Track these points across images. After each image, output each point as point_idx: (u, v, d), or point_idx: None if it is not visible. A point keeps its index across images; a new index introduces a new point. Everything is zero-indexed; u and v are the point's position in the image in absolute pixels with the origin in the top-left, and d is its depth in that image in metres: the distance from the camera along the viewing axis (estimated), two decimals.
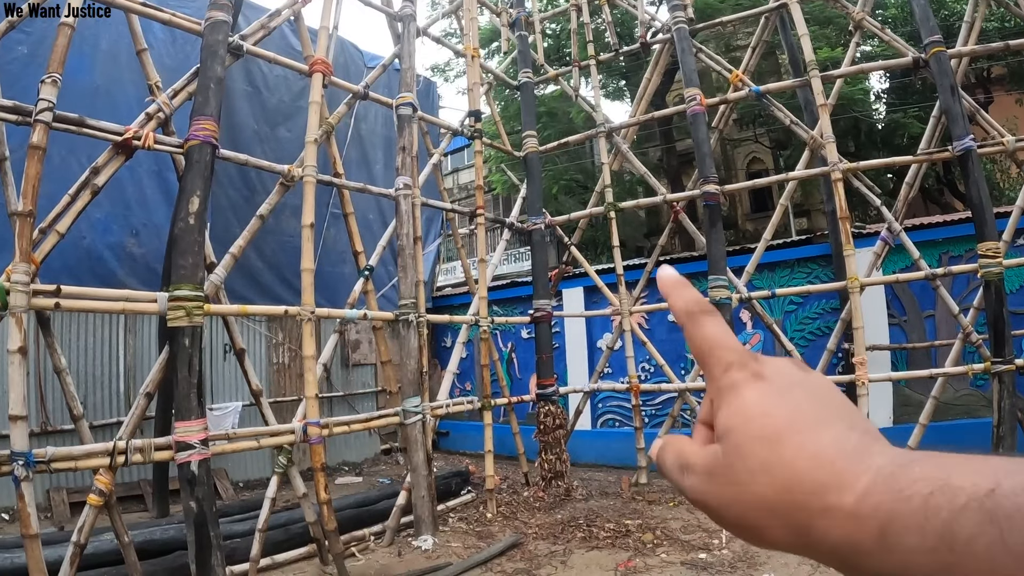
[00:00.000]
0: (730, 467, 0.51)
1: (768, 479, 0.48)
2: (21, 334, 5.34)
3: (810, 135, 9.78)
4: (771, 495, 0.48)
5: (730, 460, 0.51)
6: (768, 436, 0.50)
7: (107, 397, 11.01)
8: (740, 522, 0.51)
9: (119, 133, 6.30)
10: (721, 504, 0.52)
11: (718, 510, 0.52)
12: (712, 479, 0.52)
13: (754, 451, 0.50)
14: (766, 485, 0.48)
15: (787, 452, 0.49)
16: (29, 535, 5.21)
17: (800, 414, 0.51)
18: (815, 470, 0.47)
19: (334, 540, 7.33)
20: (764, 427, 0.51)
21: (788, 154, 20.05)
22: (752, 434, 0.51)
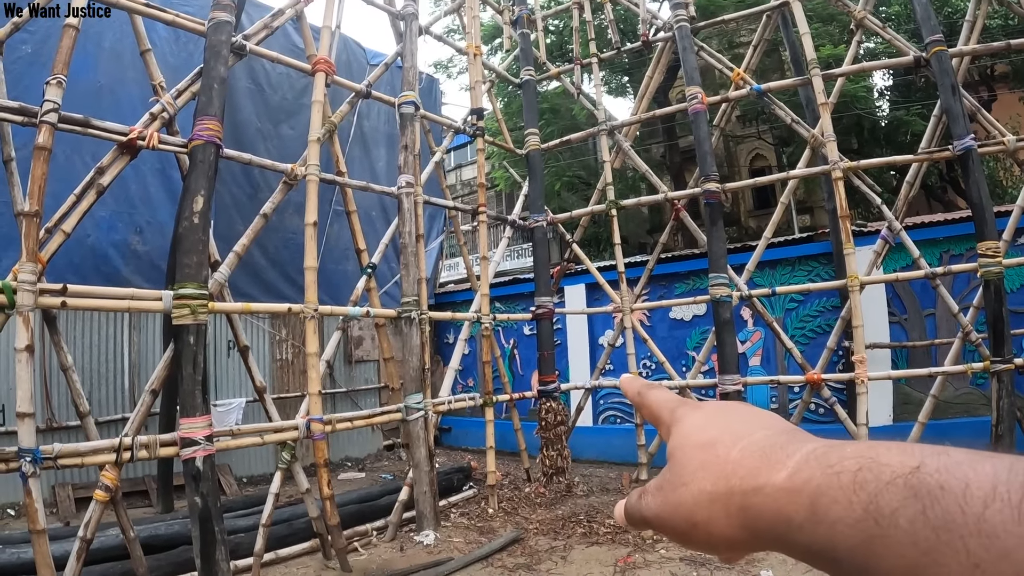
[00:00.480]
0: (676, 475, 0.56)
1: (706, 474, 0.54)
2: (28, 332, 5.38)
3: (811, 133, 9.80)
4: (710, 487, 0.53)
5: (675, 471, 0.57)
6: (705, 442, 0.56)
7: (112, 394, 11.07)
8: (690, 522, 0.54)
9: (124, 133, 6.35)
10: (671, 509, 0.56)
11: (671, 519, 0.56)
12: (661, 491, 0.57)
13: (694, 456, 0.56)
14: (705, 480, 0.53)
15: (722, 451, 0.54)
16: (36, 530, 5.27)
17: (734, 424, 0.57)
18: (748, 459, 0.52)
19: (337, 535, 7.39)
20: (701, 437, 0.57)
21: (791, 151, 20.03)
22: (692, 444, 0.57)
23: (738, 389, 9.35)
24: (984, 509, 0.36)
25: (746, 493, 0.50)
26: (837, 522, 0.42)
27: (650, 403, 0.69)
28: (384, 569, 7.27)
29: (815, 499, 0.44)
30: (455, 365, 10.04)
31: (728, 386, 9.31)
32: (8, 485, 9.60)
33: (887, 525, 0.39)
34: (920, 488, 0.39)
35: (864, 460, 0.43)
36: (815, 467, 0.46)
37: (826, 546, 0.43)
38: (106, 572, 6.55)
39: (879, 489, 0.41)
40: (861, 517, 0.41)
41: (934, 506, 0.38)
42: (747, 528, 0.50)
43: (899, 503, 0.39)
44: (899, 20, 17.49)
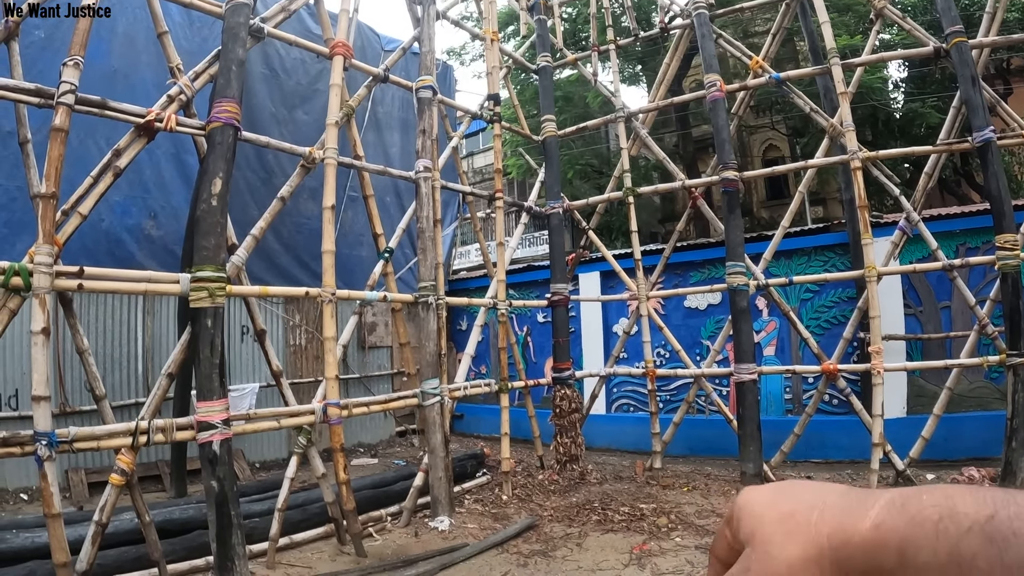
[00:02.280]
0: (761, 552, 0.58)
1: (793, 542, 0.56)
2: (45, 315, 5.37)
3: (830, 123, 9.74)
4: (801, 552, 0.55)
5: (759, 548, 0.58)
6: (783, 515, 0.58)
7: (126, 378, 11.09)
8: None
9: (141, 115, 6.32)
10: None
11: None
12: (750, 572, 0.58)
13: (774, 530, 0.58)
14: (795, 547, 0.55)
15: (802, 518, 0.57)
16: (52, 514, 5.25)
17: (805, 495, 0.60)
18: (830, 519, 0.55)
19: (352, 520, 7.39)
20: (776, 511, 0.59)
21: (805, 142, 19.98)
22: (769, 519, 0.59)
23: (753, 378, 9.32)
24: None
25: (836, 549, 0.53)
26: (923, 567, 0.47)
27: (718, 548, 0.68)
28: (399, 554, 7.27)
29: (902, 547, 0.49)
30: (470, 351, 10.02)
31: (744, 375, 9.28)
32: (20, 469, 9.64)
33: (968, 568, 0.44)
34: (995, 535, 0.44)
35: (943, 510, 0.48)
36: (898, 518, 0.50)
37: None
38: (121, 556, 6.53)
39: (960, 536, 0.46)
40: (946, 562, 0.46)
41: (1008, 550, 0.43)
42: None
43: (978, 549, 0.44)
44: (915, 11, 17.40)
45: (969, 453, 9.82)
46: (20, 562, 6.14)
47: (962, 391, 9.99)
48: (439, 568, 6.74)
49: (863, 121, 17.23)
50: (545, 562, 6.90)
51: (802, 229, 12.59)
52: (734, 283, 9.50)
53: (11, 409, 9.80)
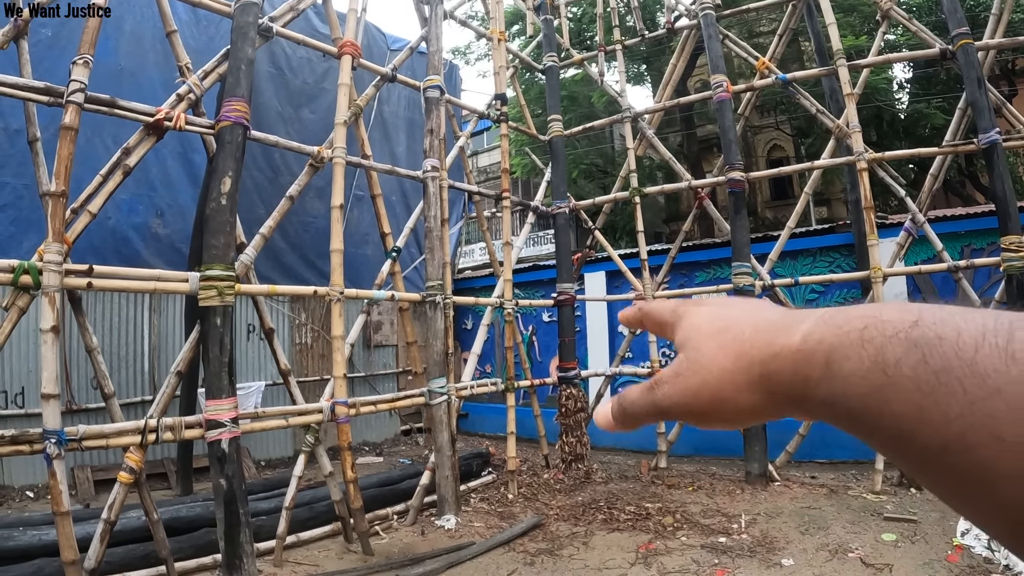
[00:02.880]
0: (693, 360, 0.60)
1: (724, 353, 0.58)
2: (54, 313, 5.38)
3: (835, 124, 9.74)
4: (731, 364, 0.57)
5: (691, 355, 0.60)
6: (718, 329, 0.60)
7: (132, 376, 11.11)
8: (713, 398, 0.58)
9: (150, 114, 6.34)
10: (693, 393, 0.59)
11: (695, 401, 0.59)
12: (680, 377, 0.60)
13: (710, 341, 0.60)
14: (726, 359, 0.57)
15: (736, 331, 0.58)
16: (60, 512, 5.26)
17: (743, 310, 0.62)
18: (761, 332, 0.56)
19: (360, 518, 7.40)
20: (713, 326, 0.61)
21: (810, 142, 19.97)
22: (704, 333, 0.61)
23: None
24: (975, 353, 0.41)
25: (765, 361, 0.54)
26: (850, 375, 0.47)
27: (651, 311, 0.73)
28: (406, 553, 7.29)
29: (828, 356, 0.49)
30: (477, 350, 10.03)
31: None
32: (27, 467, 9.68)
33: (893, 374, 0.44)
34: (920, 339, 0.43)
35: (869, 319, 0.48)
36: (825, 329, 0.50)
37: (841, 398, 0.48)
38: (128, 554, 6.56)
39: (884, 342, 0.45)
40: (871, 368, 0.45)
41: (933, 353, 0.42)
42: (768, 392, 0.55)
43: (902, 353, 0.44)
44: (921, 11, 17.40)
45: None
46: (28, 559, 6.16)
47: None
48: (446, 566, 6.76)
49: (868, 121, 17.22)
50: (552, 561, 6.91)
51: (808, 230, 12.60)
52: (740, 283, 9.51)
53: (17, 407, 9.83)
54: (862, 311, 0.49)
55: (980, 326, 0.42)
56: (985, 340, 0.41)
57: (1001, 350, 0.40)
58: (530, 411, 11.31)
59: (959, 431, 0.40)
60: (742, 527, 7.58)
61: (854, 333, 0.48)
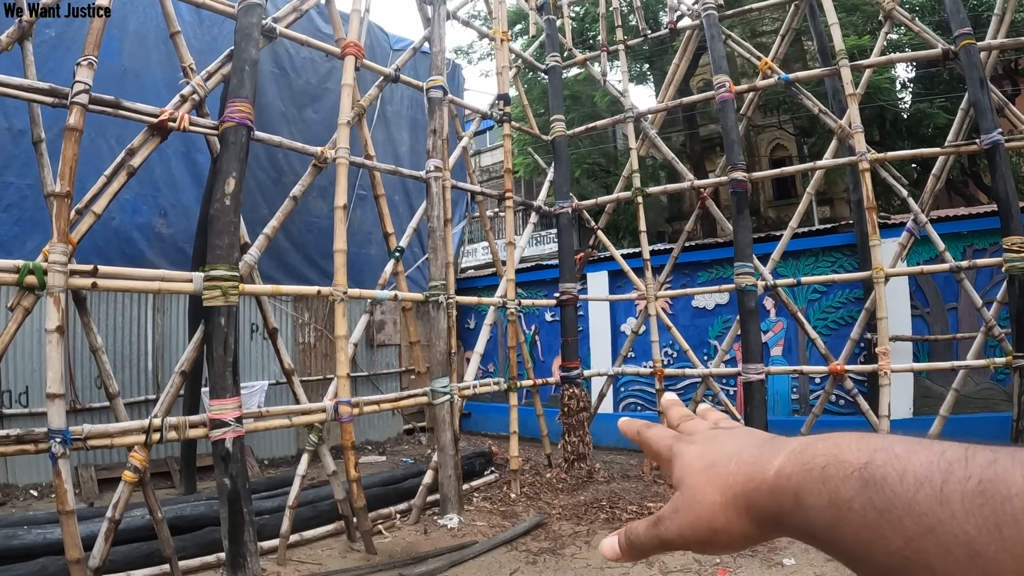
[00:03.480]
0: (688, 498, 0.66)
1: (713, 489, 0.64)
2: (59, 313, 5.39)
3: (838, 124, 9.74)
4: (720, 498, 0.63)
5: (686, 493, 0.67)
6: (706, 466, 0.67)
7: (136, 376, 11.13)
8: (711, 529, 0.64)
9: (154, 115, 6.36)
10: (691, 526, 0.65)
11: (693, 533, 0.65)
12: (678, 514, 0.67)
13: (700, 478, 0.66)
14: (714, 493, 0.64)
15: (721, 467, 0.65)
16: (65, 511, 5.27)
17: (726, 447, 0.68)
18: (743, 468, 0.63)
19: (363, 517, 7.42)
20: (702, 462, 0.68)
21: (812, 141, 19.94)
22: (695, 471, 0.67)
23: (761, 378, 9.33)
24: (915, 493, 0.45)
25: (748, 494, 0.61)
26: (812, 509, 0.53)
27: (649, 441, 0.80)
28: (409, 552, 7.31)
29: (796, 491, 0.55)
30: (480, 350, 10.04)
31: (751, 375, 9.29)
32: (30, 466, 9.70)
33: (846, 510, 0.49)
34: (869, 479, 0.49)
35: (830, 457, 0.53)
36: (795, 465, 0.56)
37: (808, 527, 0.54)
38: (132, 552, 6.59)
39: (839, 482, 0.51)
40: (828, 504, 0.51)
41: (878, 494, 0.47)
42: (755, 520, 0.61)
43: (854, 492, 0.49)
44: (923, 11, 17.38)
45: None
46: (32, 558, 6.19)
47: (968, 392, 9.98)
48: (449, 565, 6.78)
49: (871, 121, 17.20)
50: (554, 560, 6.93)
51: (810, 230, 12.60)
52: (742, 283, 9.50)
53: (21, 406, 9.86)
54: (826, 448, 0.55)
55: (924, 467, 0.46)
56: (925, 482, 0.45)
57: (936, 491, 0.44)
58: (533, 410, 11.34)
59: (900, 562, 0.45)
60: None
61: (816, 471, 0.53)
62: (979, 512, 0.41)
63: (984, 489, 0.42)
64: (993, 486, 0.41)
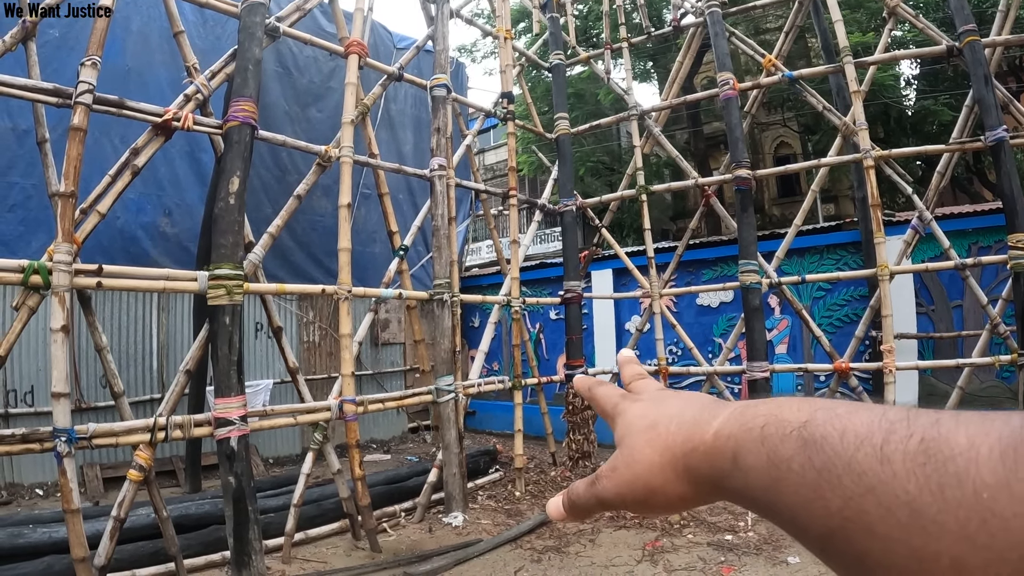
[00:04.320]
0: (626, 456, 0.66)
1: (652, 448, 0.63)
2: (64, 313, 5.41)
3: (842, 121, 9.72)
4: (657, 457, 0.62)
5: (625, 452, 0.66)
6: (648, 424, 0.66)
7: (141, 374, 11.15)
8: (648, 489, 0.63)
9: (158, 115, 6.37)
10: (628, 485, 0.65)
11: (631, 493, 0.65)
12: (616, 472, 0.66)
13: (641, 438, 0.65)
14: (653, 453, 0.63)
15: (662, 428, 0.64)
16: (71, 510, 5.29)
17: (669, 408, 0.67)
18: (683, 428, 0.62)
19: (368, 516, 7.44)
20: (644, 423, 0.67)
21: (817, 139, 19.92)
22: (637, 428, 0.67)
23: (766, 376, 9.33)
24: (855, 452, 0.44)
25: (686, 455, 0.60)
26: (750, 469, 0.52)
27: (598, 398, 0.80)
28: (414, 550, 7.32)
29: (736, 452, 0.54)
30: (484, 348, 10.06)
31: (756, 373, 9.29)
32: (36, 465, 9.73)
33: (785, 470, 0.48)
34: (808, 438, 0.47)
35: (770, 417, 0.52)
36: (734, 425, 0.55)
37: (746, 489, 0.53)
38: (138, 551, 6.61)
39: (779, 440, 0.50)
40: (767, 464, 0.50)
41: (818, 452, 0.46)
42: (692, 482, 0.60)
43: (793, 451, 0.48)
44: (928, 7, 17.35)
45: None
46: (38, 556, 6.21)
47: (973, 390, 9.97)
48: (453, 563, 6.79)
49: (875, 118, 17.16)
50: (559, 558, 6.95)
51: (814, 227, 12.57)
52: (747, 281, 9.50)
53: (27, 405, 9.88)
54: (767, 408, 0.54)
55: (865, 426, 0.45)
56: (865, 441, 0.44)
57: (876, 450, 0.43)
58: (537, 409, 11.35)
59: (840, 523, 0.43)
60: (748, 525, 7.60)
61: (756, 430, 0.52)
62: (921, 471, 0.40)
63: (926, 448, 0.41)
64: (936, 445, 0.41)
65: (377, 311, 9.00)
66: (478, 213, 15.63)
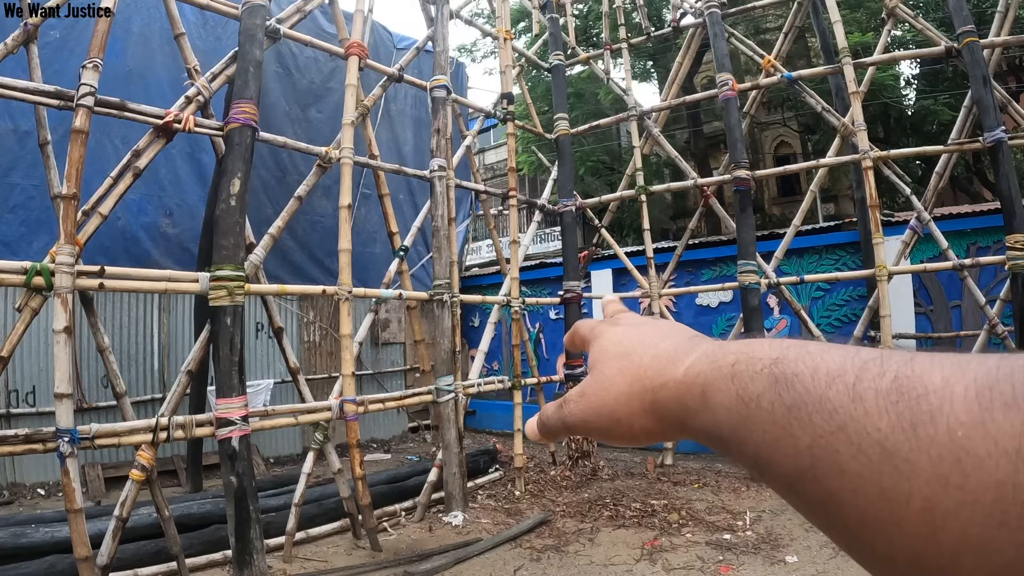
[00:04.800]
0: (598, 382, 0.66)
1: (623, 378, 0.63)
2: (67, 314, 5.43)
3: (841, 122, 9.75)
4: (627, 388, 0.62)
5: (596, 378, 0.66)
6: (622, 352, 0.66)
7: (142, 375, 11.17)
8: (613, 418, 0.63)
9: (160, 117, 6.40)
10: (594, 411, 0.65)
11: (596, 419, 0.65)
12: (584, 396, 0.66)
13: (613, 365, 0.65)
14: (623, 383, 0.63)
15: (635, 357, 0.64)
16: (74, 509, 5.31)
17: (647, 336, 0.67)
18: (656, 361, 0.61)
19: (368, 515, 7.46)
20: (618, 349, 0.67)
21: (817, 138, 19.93)
22: (610, 356, 0.67)
23: None
24: (826, 390, 0.43)
25: (655, 389, 0.59)
26: (719, 407, 0.51)
27: (577, 329, 0.78)
28: (414, 549, 7.35)
29: (704, 389, 0.53)
30: (484, 348, 10.08)
31: None
32: (38, 465, 9.75)
33: (754, 407, 0.47)
34: (779, 375, 0.46)
35: (740, 355, 0.51)
36: (705, 363, 0.55)
37: (714, 427, 0.52)
38: (140, 550, 6.63)
39: (749, 378, 0.49)
40: (736, 402, 0.49)
41: (788, 390, 0.45)
42: (659, 418, 0.60)
43: (763, 389, 0.47)
44: (927, 8, 17.36)
45: None
46: (40, 556, 6.23)
47: None
48: (453, 562, 6.81)
49: (875, 118, 17.19)
50: (558, 557, 6.97)
51: (813, 228, 12.59)
52: (746, 281, 9.53)
53: (29, 406, 9.91)
54: (738, 347, 0.53)
55: (838, 364, 0.44)
56: (836, 378, 0.43)
57: (849, 388, 0.42)
58: (537, 408, 11.34)
59: (809, 462, 0.43)
60: (747, 524, 7.63)
61: (726, 368, 0.52)
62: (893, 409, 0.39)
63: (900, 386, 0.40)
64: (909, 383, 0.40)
65: (377, 311, 9.03)
66: (478, 213, 15.66)
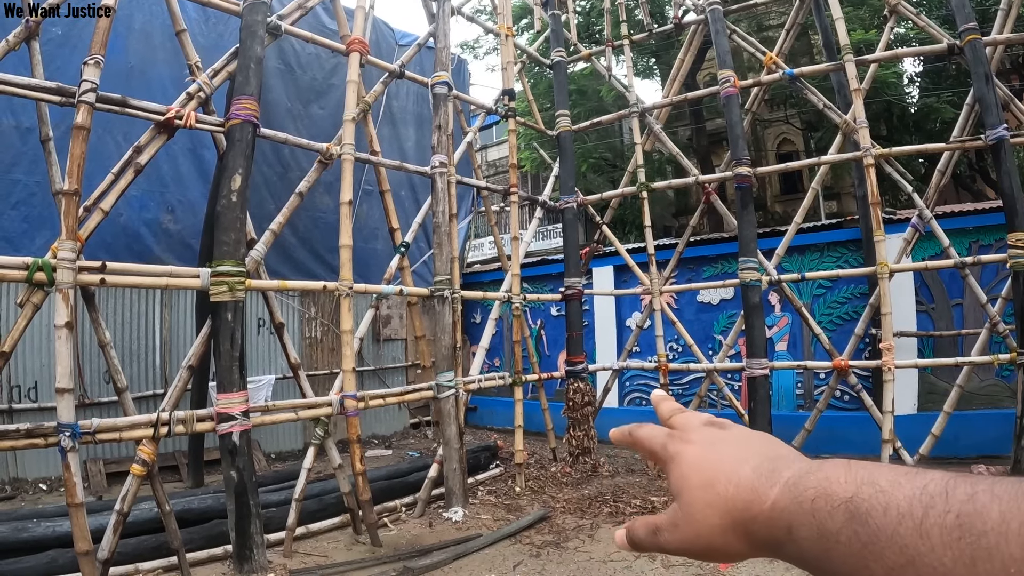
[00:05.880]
0: (687, 515, 0.68)
1: (713, 511, 0.66)
2: (68, 309, 5.45)
3: (843, 119, 9.73)
4: (719, 521, 0.66)
5: (685, 510, 0.69)
6: (704, 482, 0.68)
7: (144, 370, 11.17)
8: (710, 547, 0.67)
9: (161, 113, 6.41)
10: (691, 542, 0.68)
11: (692, 548, 0.69)
12: (678, 528, 0.69)
13: (698, 497, 0.68)
14: (713, 516, 0.66)
15: (720, 488, 0.67)
16: (75, 504, 5.33)
17: (724, 460, 0.69)
18: (742, 494, 0.65)
19: (368, 510, 7.48)
20: (700, 475, 0.69)
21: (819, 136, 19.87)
22: (693, 483, 0.69)
23: (765, 373, 9.36)
24: (897, 526, 0.49)
25: (746, 523, 0.63)
26: (803, 540, 0.57)
27: (641, 440, 0.81)
28: (414, 544, 7.36)
29: (790, 525, 0.58)
30: (485, 344, 10.10)
31: (756, 370, 9.32)
32: (40, 460, 9.76)
33: (833, 542, 0.53)
34: (854, 512, 0.52)
35: (819, 491, 0.57)
36: (788, 499, 0.60)
37: (799, 556, 0.58)
38: (141, 544, 6.65)
39: (827, 514, 0.55)
40: (818, 536, 0.55)
41: (863, 526, 0.51)
42: (753, 545, 0.64)
43: (840, 524, 0.53)
44: (930, 5, 17.32)
45: (979, 450, 9.85)
46: (42, 550, 6.25)
47: (973, 388, 9.98)
48: (453, 558, 6.82)
49: (878, 116, 17.14)
50: (557, 553, 6.98)
51: (815, 225, 12.57)
52: (747, 278, 9.52)
53: (31, 401, 9.91)
54: (817, 480, 0.58)
55: (907, 501, 0.50)
56: (907, 516, 0.49)
57: (917, 525, 0.48)
58: (538, 405, 11.38)
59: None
60: None
61: (806, 504, 0.57)
62: (956, 545, 0.45)
63: (962, 523, 0.45)
64: (970, 520, 0.45)
65: (378, 307, 9.04)
66: (479, 210, 15.66)
